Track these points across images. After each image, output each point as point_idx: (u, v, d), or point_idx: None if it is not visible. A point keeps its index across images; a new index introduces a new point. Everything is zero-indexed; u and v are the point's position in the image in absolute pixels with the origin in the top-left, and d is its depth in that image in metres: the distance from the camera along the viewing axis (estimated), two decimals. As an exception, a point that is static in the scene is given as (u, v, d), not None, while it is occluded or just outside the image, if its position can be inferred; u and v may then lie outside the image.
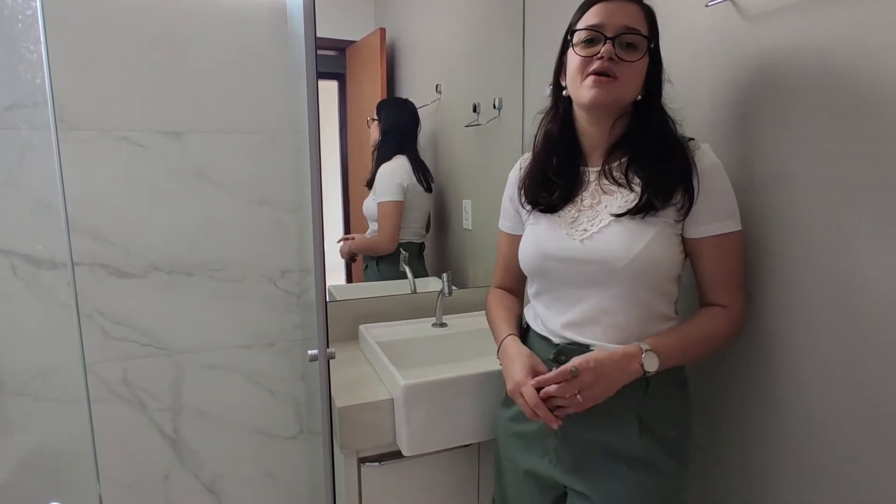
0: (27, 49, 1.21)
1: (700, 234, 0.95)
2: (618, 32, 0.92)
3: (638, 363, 0.90)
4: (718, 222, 0.94)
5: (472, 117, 1.73)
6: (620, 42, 0.92)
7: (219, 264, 1.45)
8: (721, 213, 0.94)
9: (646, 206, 0.93)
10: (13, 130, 1.24)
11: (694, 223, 0.95)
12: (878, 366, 0.85)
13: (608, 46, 0.91)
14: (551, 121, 1.06)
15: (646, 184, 0.94)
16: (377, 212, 1.65)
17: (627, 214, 0.94)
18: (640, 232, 0.93)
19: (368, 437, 1.20)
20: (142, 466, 1.46)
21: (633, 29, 0.92)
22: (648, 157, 0.95)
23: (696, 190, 0.92)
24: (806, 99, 0.91)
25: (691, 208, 0.93)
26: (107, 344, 1.38)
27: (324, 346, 1.02)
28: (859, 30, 0.83)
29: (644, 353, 0.90)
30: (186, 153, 1.39)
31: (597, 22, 0.93)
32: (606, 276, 0.95)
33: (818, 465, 0.95)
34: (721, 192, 0.94)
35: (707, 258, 0.96)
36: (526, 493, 1.08)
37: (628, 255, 0.92)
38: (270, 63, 1.42)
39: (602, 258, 0.94)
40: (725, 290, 0.97)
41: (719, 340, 0.97)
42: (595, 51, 0.93)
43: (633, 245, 0.92)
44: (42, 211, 1.29)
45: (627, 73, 0.93)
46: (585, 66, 0.94)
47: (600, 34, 0.92)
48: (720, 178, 0.94)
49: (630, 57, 0.92)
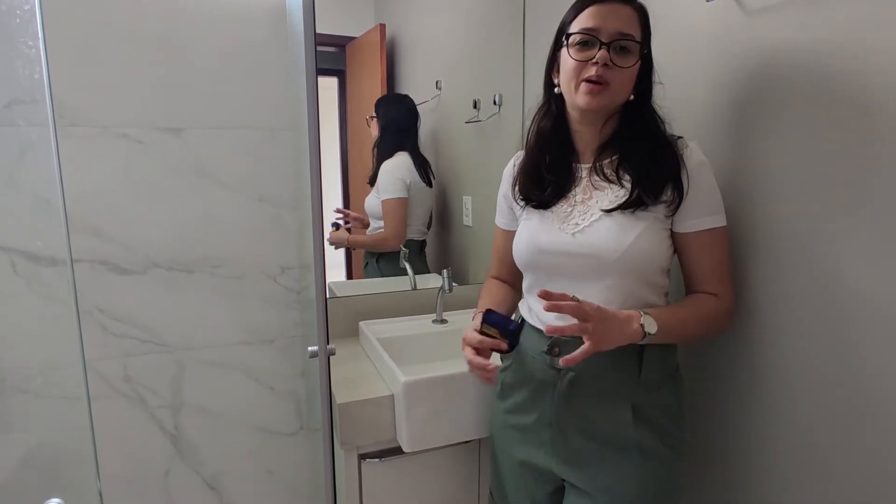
0: (25, 44, 1.20)
1: (688, 228, 0.97)
2: (612, 38, 0.92)
3: (637, 323, 0.90)
4: (706, 217, 0.96)
5: (473, 113, 1.73)
6: (615, 47, 0.92)
7: (219, 261, 1.45)
8: (708, 209, 0.96)
9: (636, 202, 0.95)
10: (12, 127, 1.24)
11: (683, 218, 0.97)
12: (862, 364, 0.87)
13: (603, 53, 0.92)
14: (543, 118, 1.07)
15: (636, 181, 0.96)
16: (382, 209, 1.65)
17: (618, 210, 0.96)
18: (630, 226, 0.95)
19: (369, 433, 1.20)
20: (142, 463, 1.46)
21: (627, 35, 0.93)
22: (638, 156, 0.97)
23: (686, 186, 0.94)
24: (802, 98, 0.92)
25: (680, 204, 0.95)
26: (107, 341, 1.38)
27: (324, 343, 1.02)
28: (858, 29, 0.83)
29: (643, 316, 0.91)
30: (186, 150, 1.38)
31: (592, 25, 0.93)
32: (598, 269, 0.96)
33: (803, 460, 0.97)
34: (708, 188, 0.96)
35: (695, 252, 0.98)
36: (522, 485, 1.08)
37: (619, 249, 0.94)
38: (270, 59, 1.42)
39: (593, 251, 0.96)
40: (714, 281, 0.99)
41: (711, 322, 0.99)
42: (590, 55, 0.93)
43: (623, 239, 0.94)
44: (42, 208, 1.28)
45: (619, 77, 0.94)
46: (580, 71, 0.95)
47: (595, 38, 0.93)
48: (707, 175, 0.96)
49: (624, 63, 0.93)
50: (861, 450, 0.88)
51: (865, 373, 0.86)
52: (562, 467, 1.01)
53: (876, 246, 0.83)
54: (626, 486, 0.97)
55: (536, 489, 1.07)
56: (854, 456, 0.89)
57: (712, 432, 1.14)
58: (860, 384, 0.87)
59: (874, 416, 0.85)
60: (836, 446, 0.91)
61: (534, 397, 1.04)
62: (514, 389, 1.08)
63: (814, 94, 0.90)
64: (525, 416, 1.05)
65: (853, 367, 0.88)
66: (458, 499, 1.34)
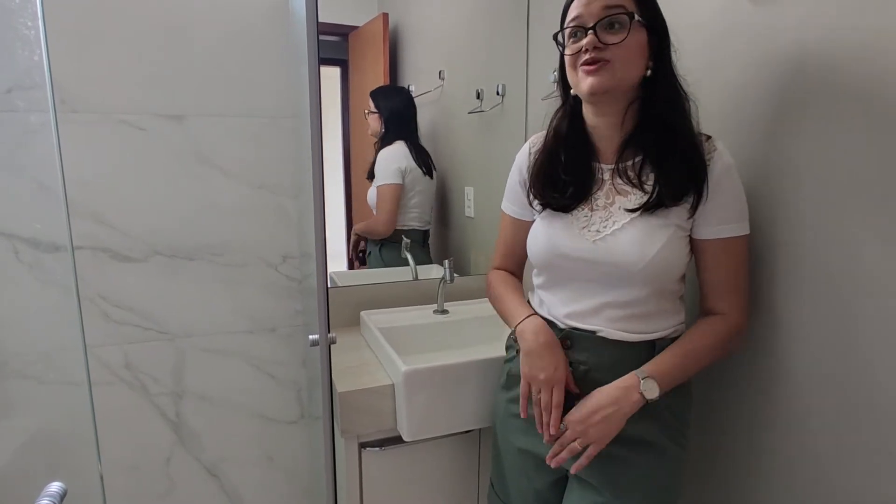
0: (24, 25, 1.20)
1: (708, 235, 0.95)
2: (597, 20, 0.90)
3: (637, 393, 0.91)
4: (727, 224, 0.93)
5: (476, 104, 1.72)
6: (602, 26, 0.90)
7: (220, 249, 1.45)
8: (731, 216, 0.93)
9: (655, 205, 0.93)
10: (13, 113, 1.24)
11: (703, 224, 0.94)
12: (874, 370, 0.85)
13: (590, 37, 0.90)
14: (561, 118, 1.04)
15: (656, 181, 0.93)
16: (376, 195, 1.65)
17: (637, 212, 0.93)
18: (653, 236, 0.93)
19: (369, 422, 1.21)
20: (144, 449, 1.47)
21: (613, 8, 0.89)
22: (662, 155, 0.94)
23: (707, 191, 0.92)
24: (824, 94, 0.89)
25: (699, 208, 0.93)
26: (108, 328, 1.39)
27: (325, 331, 1.02)
28: (881, 22, 0.80)
29: (642, 381, 0.91)
30: (187, 137, 1.38)
31: (575, 15, 0.92)
32: (619, 278, 0.95)
33: (809, 462, 0.96)
34: (733, 194, 0.93)
35: (712, 259, 0.96)
36: (524, 475, 1.08)
37: (642, 260, 0.92)
38: (272, 47, 1.41)
39: (616, 261, 0.94)
40: (727, 296, 0.97)
41: (720, 350, 0.97)
42: (580, 45, 0.92)
43: (647, 250, 0.92)
44: (44, 194, 1.28)
45: (618, 52, 0.90)
46: (576, 62, 0.93)
47: (581, 27, 0.92)
48: (733, 180, 0.93)
49: (615, 38, 0.89)
50: (868, 452, 0.87)
51: (883, 378, 0.84)
52: None
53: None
54: (629, 479, 0.96)
55: (538, 478, 1.07)
56: (862, 459, 0.88)
57: (717, 431, 1.13)
58: (874, 388, 0.85)
59: (889, 419, 0.84)
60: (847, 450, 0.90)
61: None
62: (519, 380, 1.08)
63: (837, 89, 0.87)
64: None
65: (865, 371, 0.86)
66: (458, 488, 1.35)
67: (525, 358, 1.01)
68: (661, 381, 0.92)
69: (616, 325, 0.96)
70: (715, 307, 0.98)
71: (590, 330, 0.98)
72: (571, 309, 1.00)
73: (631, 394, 0.91)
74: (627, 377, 0.93)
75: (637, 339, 0.96)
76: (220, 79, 1.39)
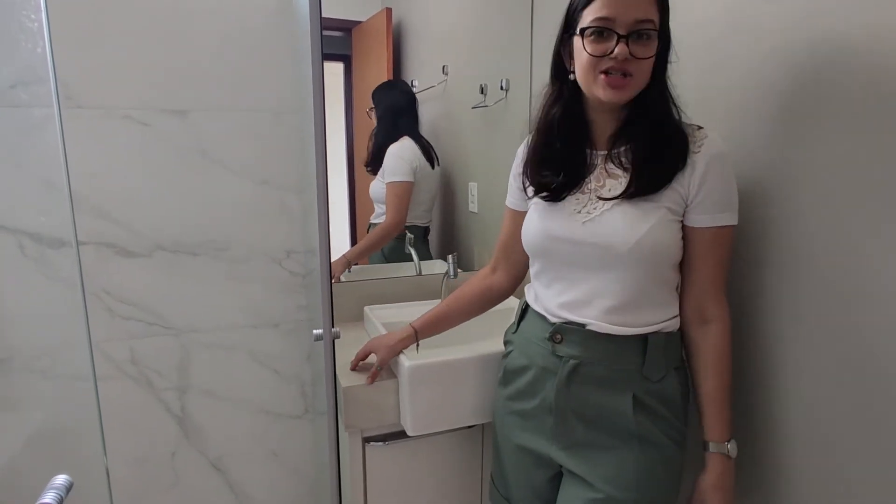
0: (28, 17, 1.19)
1: (696, 223, 0.95)
2: (630, 29, 0.87)
3: (728, 461, 0.97)
4: (715, 213, 0.93)
5: (479, 99, 1.72)
6: (633, 36, 0.88)
7: (224, 244, 1.46)
8: (719, 205, 0.93)
9: (644, 188, 0.93)
10: (17, 108, 1.24)
11: (691, 212, 0.94)
12: (874, 370, 0.85)
13: (622, 48, 0.87)
14: (553, 104, 1.03)
15: (634, 170, 0.94)
16: (386, 192, 1.65)
17: (627, 194, 0.93)
18: (642, 217, 0.93)
19: (373, 416, 1.21)
20: (149, 444, 1.48)
21: (646, 21, 0.88)
22: (645, 144, 0.94)
23: (692, 179, 0.92)
24: (826, 92, 0.88)
25: (688, 196, 0.93)
26: (113, 323, 1.39)
27: (329, 326, 1.02)
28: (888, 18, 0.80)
29: (728, 445, 0.97)
30: (191, 132, 1.38)
31: (607, 15, 0.88)
32: (608, 259, 0.95)
33: (811, 463, 0.96)
34: (722, 182, 0.93)
35: (699, 248, 0.96)
36: (522, 471, 1.09)
37: (630, 240, 0.92)
38: (275, 42, 1.41)
39: (603, 241, 0.94)
40: (716, 294, 0.98)
41: (730, 361, 1.00)
42: (606, 48, 0.89)
43: (635, 230, 0.92)
44: (49, 190, 1.29)
45: (642, 66, 0.90)
46: (597, 64, 0.91)
47: (611, 30, 0.88)
48: (722, 168, 0.92)
49: (645, 52, 0.89)
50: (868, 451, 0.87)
51: (883, 378, 0.84)
52: (561, 454, 1.01)
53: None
54: (624, 476, 0.96)
55: (536, 475, 1.07)
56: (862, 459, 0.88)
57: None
58: (875, 388, 0.85)
59: (890, 419, 0.84)
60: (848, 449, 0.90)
61: (535, 383, 1.04)
62: (516, 375, 1.08)
63: (838, 87, 0.87)
64: (526, 402, 1.05)
65: (865, 371, 0.86)
66: (461, 483, 1.35)
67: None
68: (728, 431, 0.98)
69: (607, 318, 0.96)
70: (706, 310, 0.98)
71: (580, 323, 0.98)
72: (564, 299, 1.00)
73: (727, 467, 0.97)
74: (715, 462, 0.97)
75: (628, 332, 0.96)
76: (223, 74, 1.38)
